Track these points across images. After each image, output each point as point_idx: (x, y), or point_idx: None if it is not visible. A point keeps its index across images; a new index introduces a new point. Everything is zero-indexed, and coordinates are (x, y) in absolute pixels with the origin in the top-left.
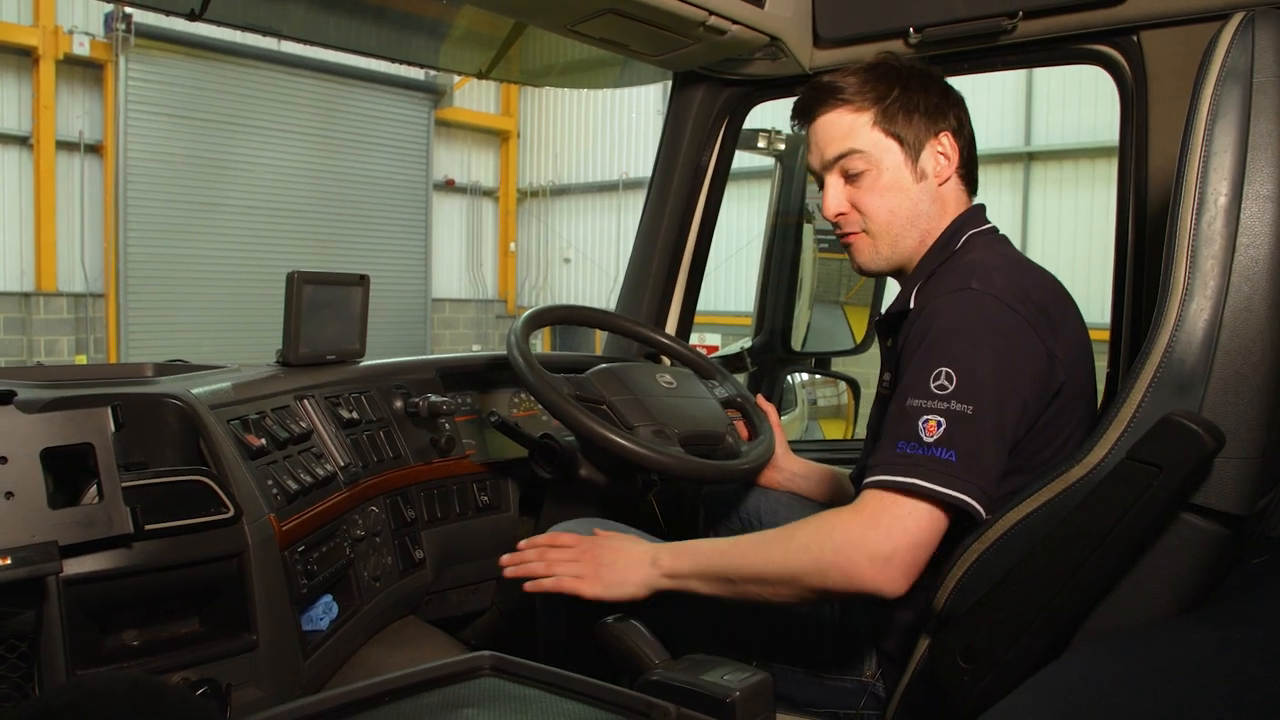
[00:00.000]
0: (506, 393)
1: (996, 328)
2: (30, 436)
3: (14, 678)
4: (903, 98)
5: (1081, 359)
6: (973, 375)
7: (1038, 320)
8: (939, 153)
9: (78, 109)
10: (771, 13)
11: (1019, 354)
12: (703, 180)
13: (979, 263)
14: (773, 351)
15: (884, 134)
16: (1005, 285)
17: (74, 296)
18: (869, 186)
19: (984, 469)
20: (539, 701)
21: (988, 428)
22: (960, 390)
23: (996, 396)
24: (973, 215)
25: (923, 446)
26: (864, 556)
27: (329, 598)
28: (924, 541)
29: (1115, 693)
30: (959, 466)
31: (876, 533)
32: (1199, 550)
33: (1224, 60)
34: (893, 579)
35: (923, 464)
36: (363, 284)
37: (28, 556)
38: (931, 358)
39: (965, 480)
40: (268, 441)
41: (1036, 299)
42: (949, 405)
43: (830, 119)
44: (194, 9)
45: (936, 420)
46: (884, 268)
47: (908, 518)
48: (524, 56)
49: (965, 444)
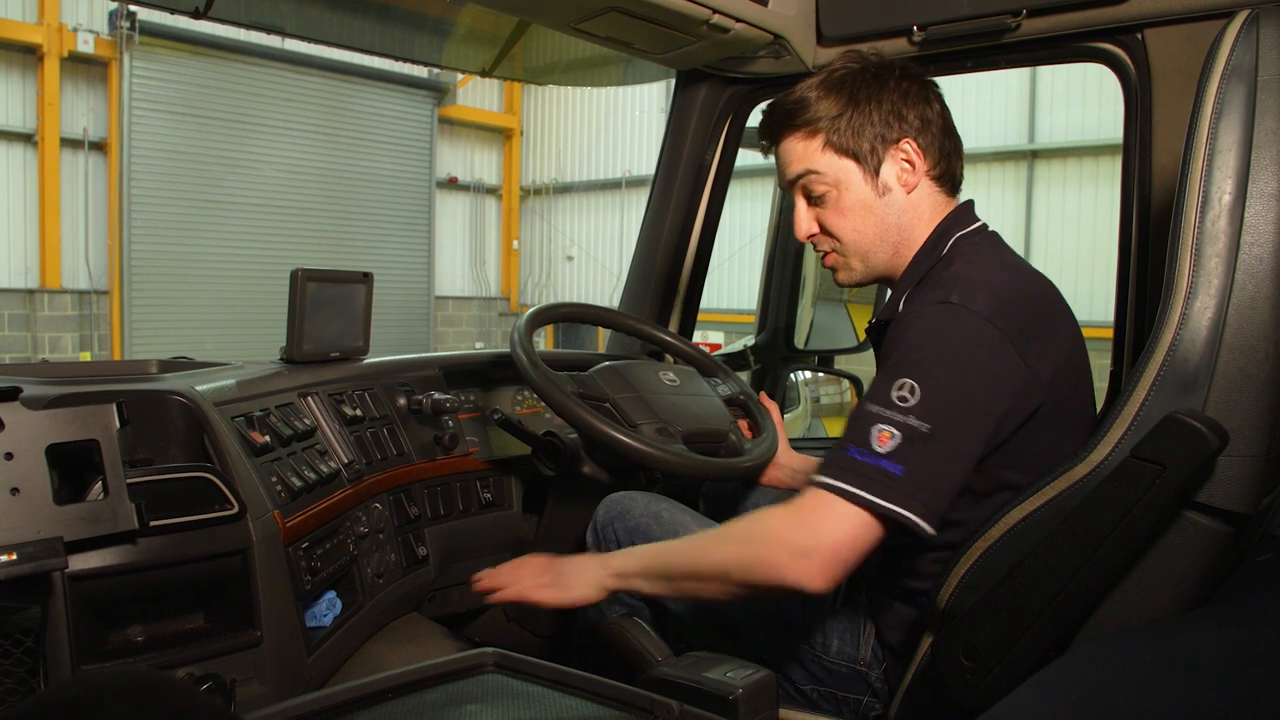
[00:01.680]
0: (510, 390)
1: (970, 345)
2: (36, 433)
3: (19, 673)
4: (854, 112)
5: (1072, 370)
6: (936, 393)
7: (1018, 337)
8: (902, 161)
9: (82, 106)
10: (775, 11)
11: (992, 373)
12: (706, 178)
13: (962, 275)
14: (776, 349)
15: (837, 154)
16: (986, 300)
17: (78, 293)
18: (832, 207)
19: (933, 487)
20: (542, 698)
21: (943, 448)
22: (921, 406)
23: (958, 418)
24: (959, 216)
25: (872, 455)
26: (784, 550)
27: (333, 594)
28: (849, 544)
29: (1118, 691)
30: (904, 481)
31: (801, 528)
32: (1202, 548)
33: (1228, 58)
34: (811, 573)
35: (867, 473)
36: (366, 281)
37: (33, 552)
38: (899, 367)
39: (907, 495)
40: (272, 438)
41: (1020, 314)
42: (906, 420)
43: (787, 145)
44: (199, 7)
45: (891, 432)
46: (864, 281)
47: (836, 519)
48: (527, 54)
49: (915, 461)
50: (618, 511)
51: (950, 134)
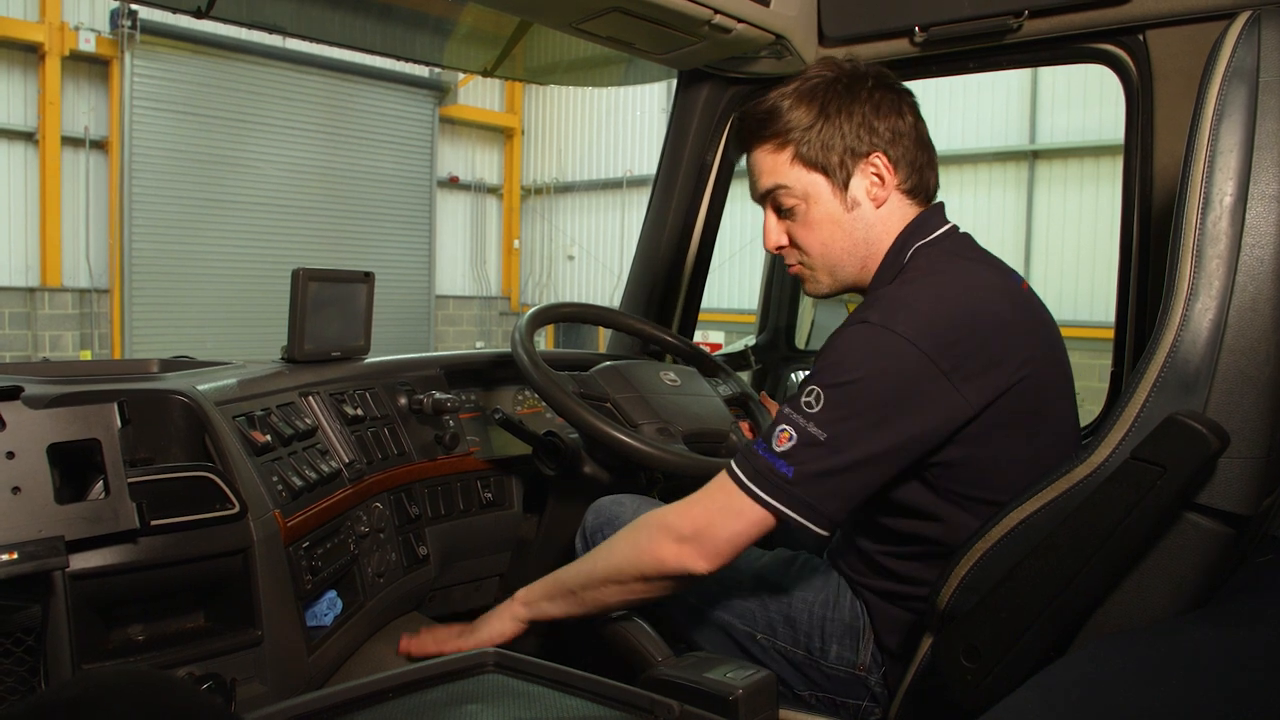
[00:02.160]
0: (511, 390)
1: (880, 364)
2: (37, 432)
3: (20, 672)
4: (824, 125)
5: (1036, 382)
6: (838, 406)
7: (942, 356)
8: (872, 175)
9: (83, 105)
10: (777, 11)
11: (902, 392)
12: (707, 178)
13: (889, 295)
14: (776, 349)
15: (806, 168)
16: (907, 320)
17: (79, 292)
18: (801, 221)
19: (820, 492)
20: (542, 698)
21: (838, 458)
22: (821, 416)
23: (857, 432)
24: (920, 225)
25: (770, 453)
26: (668, 537)
27: (333, 593)
28: (731, 531)
29: (1118, 691)
30: (791, 484)
31: (683, 515)
32: (1203, 550)
33: (1230, 59)
34: (693, 557)
35: (761, 470)
36: (367, 281)
37: (34, 551)
38: (814, 375)
39: (792, 498)
40: (273, 438)
41: (949, 333)
42: (806, 426)
43: (757, 155)
44: (201, 6)
45: (790, 433)
46: (831, 293)
47: (722, 507)
48: (529, 54)
49: (807, 465)
50: (606, 517)
51: (924, 146)
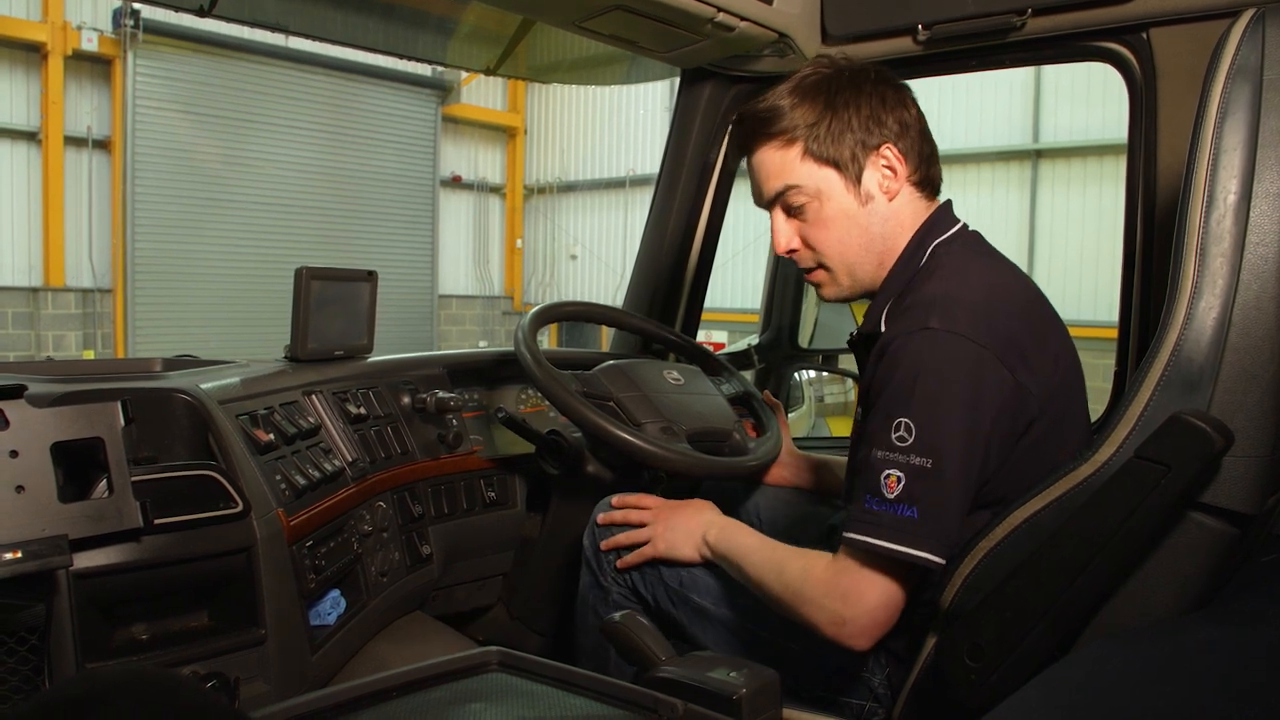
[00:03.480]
0: (514, 389)
1: (957, 369)
2: (41, 431)
3: (24, 670)
4: (832, 119)
5: (1065, 379)
6: (933, 426)
7: (1006, 353)
8: (884, 168)
9: (86, 105)
10: (780, 9)
11: (984, 394)
12: (710, 177)
13: (938, 295)
14: (780, 348)
15: (817, 163)
16: (968, 319)
17: (82, 291)
18: (814, 220)
19: (946, 521)
20: (546, 697)
21: (948, 478)
22: (919, 443)
23: (958, 445)
24: (935, 223)
25: (885, 503)
26: (825, 617)
27: (336, 593)
28: (883, 604)
29: (1122, 691)
30: (919, 523)
31: (834, 597)
32: (1207, 549)
33: (1234, 57)
34: (852, 638)
35: (885, 522)
36: (370, 280)
37: (38, 550)
38: (892, 407)
39: (924, 537)
40: (276, 437)
41: (1005, 328)
42: (909, 459)
43: (761, 156)
44: (203, 4)
45: (897, 476)
46: (850, 295)
47: (867, 585)
48: (532, 53)
49: (926, 498)
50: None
51: (927, 138)
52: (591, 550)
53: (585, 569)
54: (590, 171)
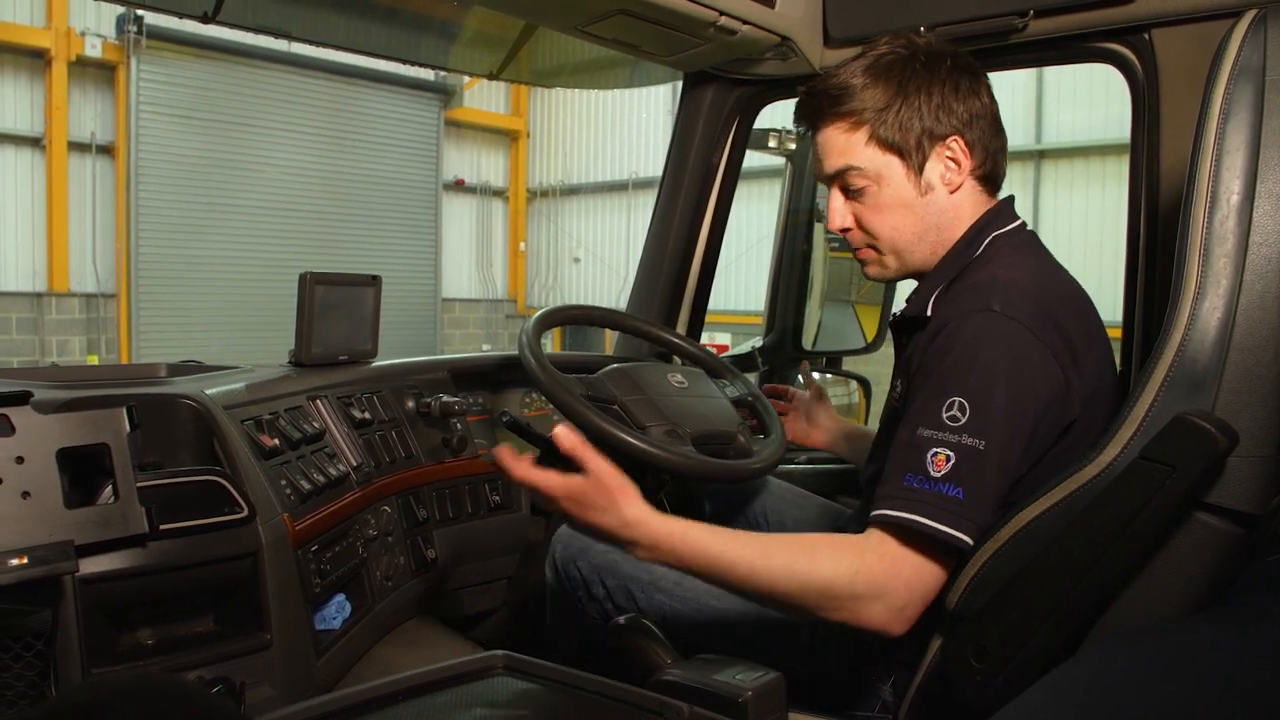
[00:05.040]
0: (518, 392)
1: (1015, 355)
2: (46, 437)
3: (30, 676)
4: (902, 104)
5: (1103, 384)
6: (988, 407)
7: (1060, 349)
8: (947, 159)
9: (90, 110)
10: (782, 13)
11: (1036, 384)
12: (713, 180)
13: (1000, 280)
14: (783, 350)
15: (881, 149)
16: (1029, 308)
17: (86, 297)
18: (871, 203)
19: (985, 506)
20: (552, 701)
21: (994, 462)
22: (972, 423)
23: (1008, 431)
24: (997, 215)
25: (930, 481)
26: (882, 606)
27: (342, 597)
28: (934, 588)
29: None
30: (964, 505)
31: (897, 585)
32: (1212, 549)
33: (1236, 58)
34: (902, 625)
35: (929, 501)
36: (374, 284)
37: (44, 556)
38: (946, 386)
39: (968, 519)
40: (281, 442)
41: (1059, 327)
42: (960, 439)
43: (827, 134)
44: (207, 11)
45: (946, 454)
46: (895, 278)
47: (924, 569)
48: (534, 57)
49: (972, 480)
50: (578, 547)
51: (998, 131)
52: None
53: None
54: (593, 174)
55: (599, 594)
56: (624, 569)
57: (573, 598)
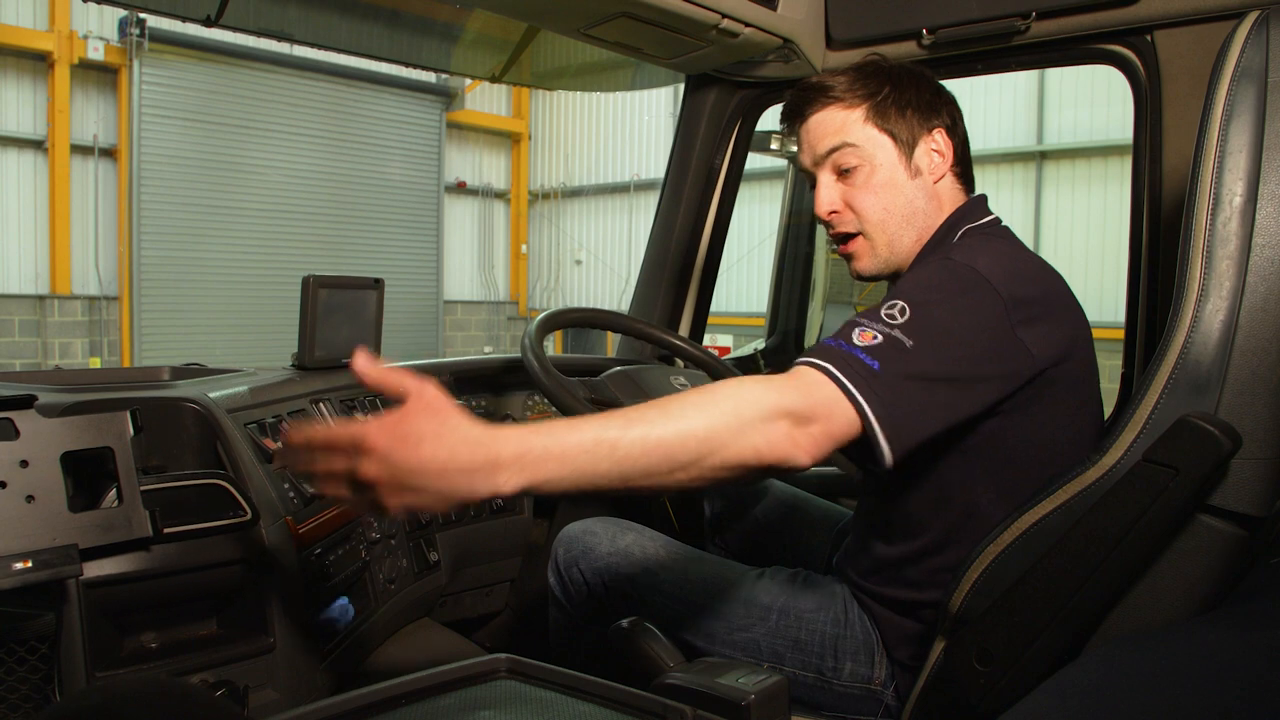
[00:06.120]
0: (520, 395)
1: (964, 290)
2: (51, 440)
3: (34, 679)
4: (894, 94)
5: (1079, 360)
6: (926, 317)
7: (1014, 307)
8: (933, 149)
9: (92, 113)
10: (784, 15)
11: (982, 324)
12: (715, 182)
13: (963, 245)
14: (786, 352)
15: (877, 129)
16: (987, 265)
17: (88, 299)
18: (862, 184)
19: (908, 399)
20: (556, 704)
21: (917, 368)
22: (907, 325)
23: (940, 346)
24: (970, 209)
25: (850, 345)
26: (789, 423)
27: (345, 600)
28: (838, 437)
29: (1132, 694)
30: (877, 379)
31: (809, 404)
32: (1216, 551)
33: (1238, 59)
34: (807, 452)
35: (844, 359)
36: (377, 287)
37: (48, 559)
38: (896, 293)
39: (877, 394)
40: None
41: (1020, 288)
42: (891, 331)
43: (821, 116)
44: (210, 14)
45: (874, 334)
46: (883, 270)
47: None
48: (536, 60)
49: (892, 365)
50: (580, 550)
51: (967, 143)
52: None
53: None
54: (595, 176)
55: (601, 597)
56: (626, 572)
57: (575, 600)
